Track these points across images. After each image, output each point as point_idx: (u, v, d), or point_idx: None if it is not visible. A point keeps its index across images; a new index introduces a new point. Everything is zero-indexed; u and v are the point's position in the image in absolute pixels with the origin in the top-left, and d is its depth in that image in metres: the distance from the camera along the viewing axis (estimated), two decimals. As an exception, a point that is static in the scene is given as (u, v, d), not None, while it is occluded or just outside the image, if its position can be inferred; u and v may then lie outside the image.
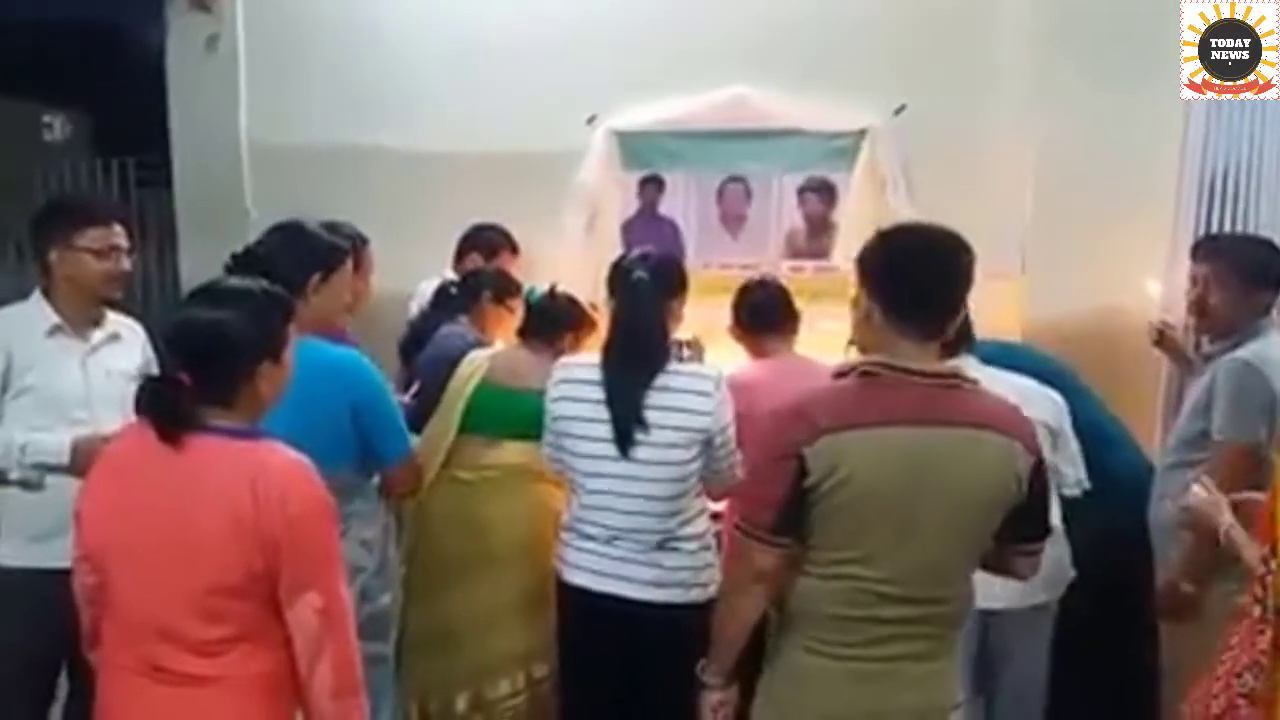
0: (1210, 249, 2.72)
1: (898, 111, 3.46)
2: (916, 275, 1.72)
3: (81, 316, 2.48)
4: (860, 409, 1.70)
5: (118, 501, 1.71)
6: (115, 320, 2.59)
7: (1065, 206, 3.26)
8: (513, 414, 2.46)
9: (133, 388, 2.42)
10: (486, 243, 3.63)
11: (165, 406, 1.68)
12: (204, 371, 1.69)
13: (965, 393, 1.75)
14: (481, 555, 2.77)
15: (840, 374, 1.78)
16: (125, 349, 2.57)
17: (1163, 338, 3.08)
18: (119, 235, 2.48)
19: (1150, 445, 3.05)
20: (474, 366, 2.85)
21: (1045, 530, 1.85)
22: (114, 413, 2.40)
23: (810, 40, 3.49)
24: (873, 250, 1.79)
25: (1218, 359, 2.58)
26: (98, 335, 2.52)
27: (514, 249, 3.66)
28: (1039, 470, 1.76)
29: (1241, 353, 2.51)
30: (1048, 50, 3.30)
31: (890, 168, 3.49)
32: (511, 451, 2.73)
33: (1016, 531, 1.78)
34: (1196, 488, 2.15)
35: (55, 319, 2.44)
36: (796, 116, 3.54)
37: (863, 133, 3.51)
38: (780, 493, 1.70)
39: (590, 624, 2.40)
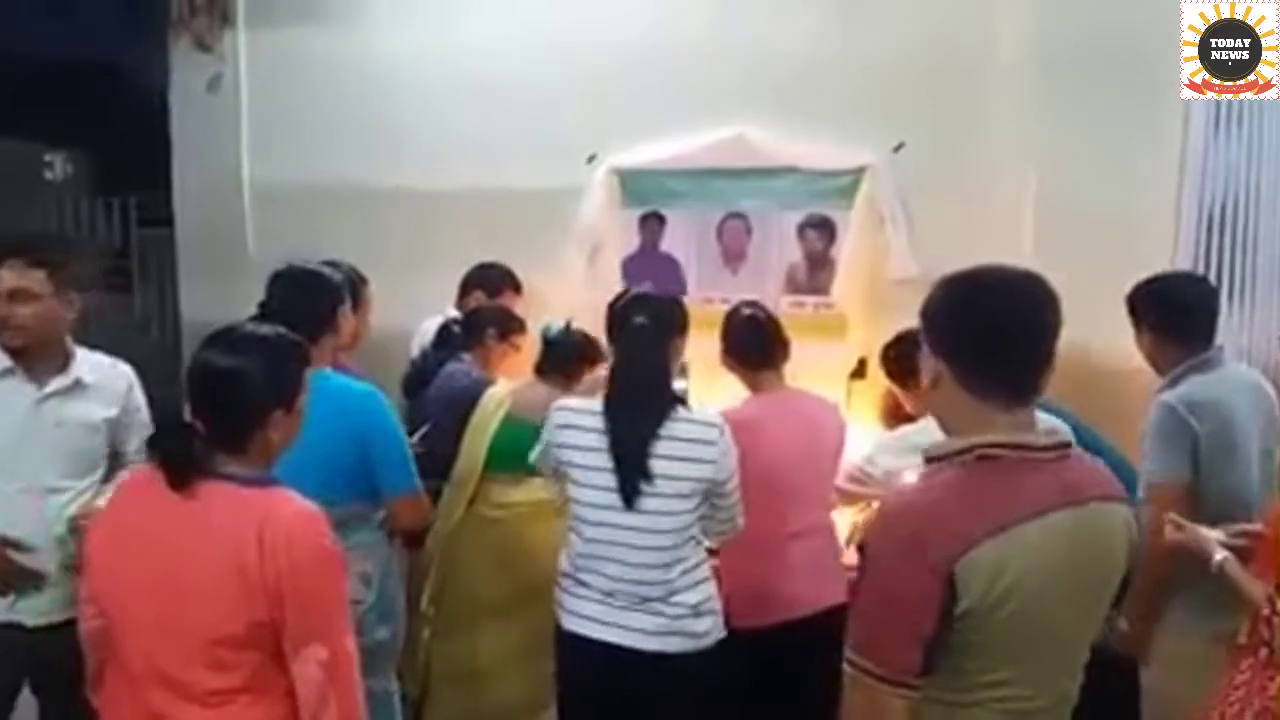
0: (1130, 294, 2.70)
1: (896, 149, 3.48)
2: (993, 326, 1.44)
3: (33, 361, 2.32)
4: (1004, 502, 1.39)
5: (125, 546, 1.69)
6: (89, 364, 2.41)
7: (1064, 242, 3.26)
8: None
9: (96, 439, 2.36)
10: (489, 281, 3.64)
11: (178, 452, 1.66)
12: (218, 418, 1.68)
13: (1073, 463, 1.48)
14: (515, 592, 2.79)
15: (938, 457, 1.46)
16: (94, 397, 2.38)
17: None
18: (6, 279, 2.27)
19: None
20: (496, 403, 2.86)
21: (1124, 594, 1.65)
22: (58, 465, 2.31)
23: (809, 80, 3.52)
24: (936, 300, 1.50)
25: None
26: (57, 382, 2.34)
27: (517, 287, 3.67)
28: (1140, 535, 1.57)
29: (1166, 395, 2.52)
30: (1045, 87, 3.33)
31: (889, 205, 3.50)
32: (538, 487, 2.73)
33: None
34: (1169, 525, 2.17)
35: (7, 362, 2.30)
36: (796, 155, 3.56)
37: (861, 170, 3.53)
38: (926, 626, 1.36)
39: (591, 673, 2.36)
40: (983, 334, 1.44)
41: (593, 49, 3.74)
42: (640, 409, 2.29)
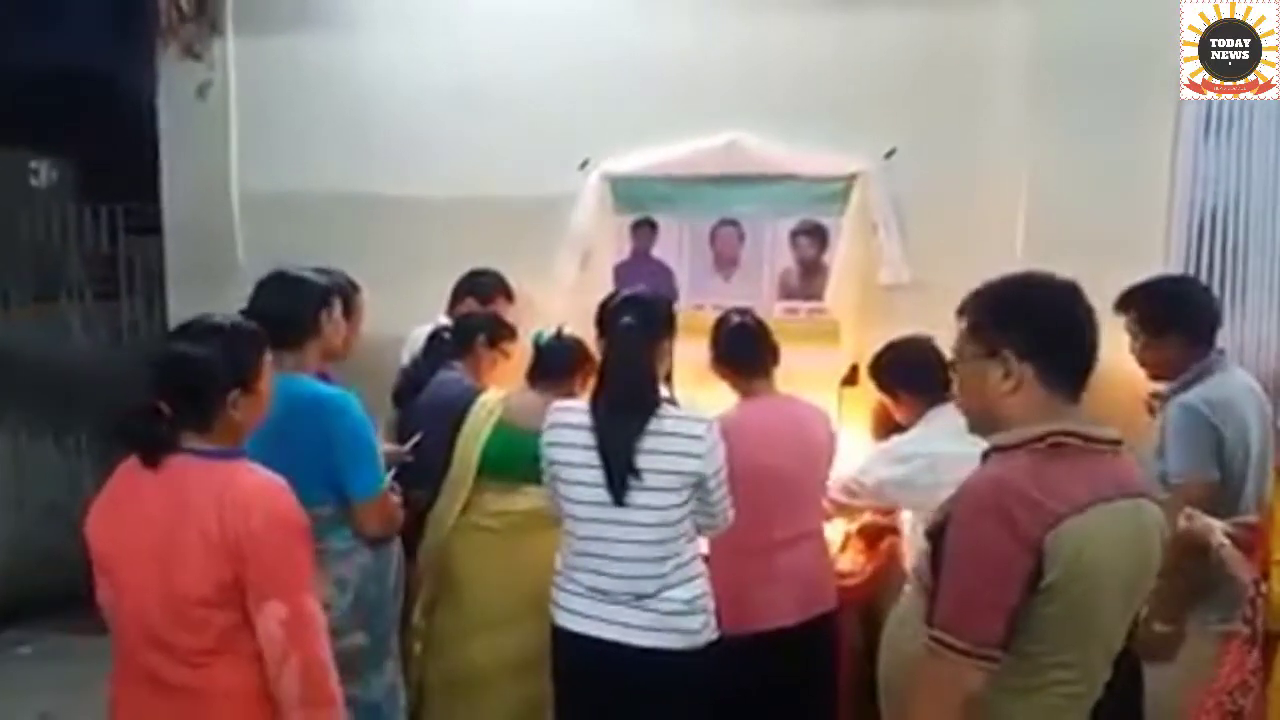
0: (1125, 300, 2.73)
1: (888, 156, 3.48)
2: (1076, 326, 1.55)
3: None
4: (1078, 485, 1.47)
5: (116, 520, 1.86)
6: None
7: (1056, 248, 3.24)
8: (530, 457, 2.47)
9: None
10: (481, 288, 3.63)
11: (141, 434, 1.83)
12: (180, 400, 1.84)
13: (1122, 458, 1.58)
14: (508, 601, 2.79)
15: (1009, 446, 1.53)
16: None
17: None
18: None
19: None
20: (488, 411, 2.85)
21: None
22: None
23: (801, 86, 3.52)
24: (1010, 307, 1.58)
25: (1169, 400, 2.63)
26: None
27: (509, 294, 3.65)
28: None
29: (1187, 395, 2.57)
30: (1037, 94, 3.34)
31: (881, 211, 3.51)
32: (532, 496, 2.73)
33: None
34: (1184, 517, 2.21)
35: None
36: (788, 162, 3.55)
37: (854, 177, 3.53)
38: (1013, 596, 1.43)
39: (586, 671, 2.38)
40: (1066, 334, 1.55)
41: (583, 56, 3.74)
42: (627, 407, 2.32)
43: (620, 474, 2.28)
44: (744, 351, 2.83)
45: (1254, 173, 3.23)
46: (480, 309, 3.50)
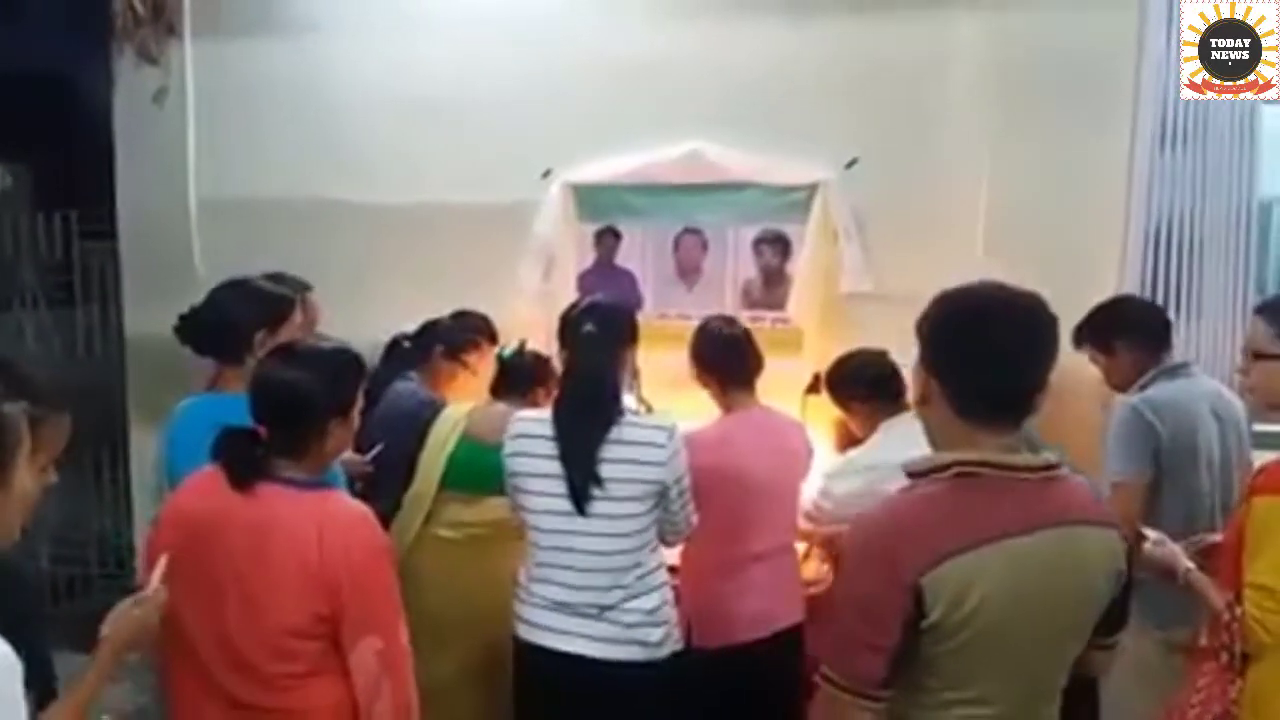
0: (1077, 334, 2.79)
1: (849, 165, 3.49)
2: (989, 351, 1.42)
3: None
4: (978, 520, 1.39)
5: (193, 537, 1.80)
6: None
7: (1015, 258, 3.29)
8: (493, 470, 2.46)
9: None
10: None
11: (241, 457, 1.81)
12: (279, 426, 1.82)
13: (1059, 484, 1.47)
14: (472, 614, 2.78)
15: (919, 473, 1.46)
16: None
17: None
18: None
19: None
20: (452, 423, 2.85)
21: (1125, 620, 1.59)
22: None
23: (763, 95, 3.53)
24: (933, 317, 1.49)
25: None
26: None
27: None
28: (1130, 560, 1.53)
29: (1131, 397, 2.61)
30: (996, 102, 3.36)
31: (843, 220, 3.51)
32: (494, 508, 2.71)
33: (1101, 628, 1.53)
34: (1149, 542, 2.21)
35: None
36: (751, 170, 3.56)
37: (815, 185, 3.53)
38: (892, 638, 1.37)
39: (548, 683, 2.37)
40: (977, 359, 1.43)
41: (546, 64, 3.72)
42: (589, 415, 2.31)
43: (583, 483, 2.27)
44: (734, 362, 2.83)
45: (1209, 180, 3.28)
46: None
